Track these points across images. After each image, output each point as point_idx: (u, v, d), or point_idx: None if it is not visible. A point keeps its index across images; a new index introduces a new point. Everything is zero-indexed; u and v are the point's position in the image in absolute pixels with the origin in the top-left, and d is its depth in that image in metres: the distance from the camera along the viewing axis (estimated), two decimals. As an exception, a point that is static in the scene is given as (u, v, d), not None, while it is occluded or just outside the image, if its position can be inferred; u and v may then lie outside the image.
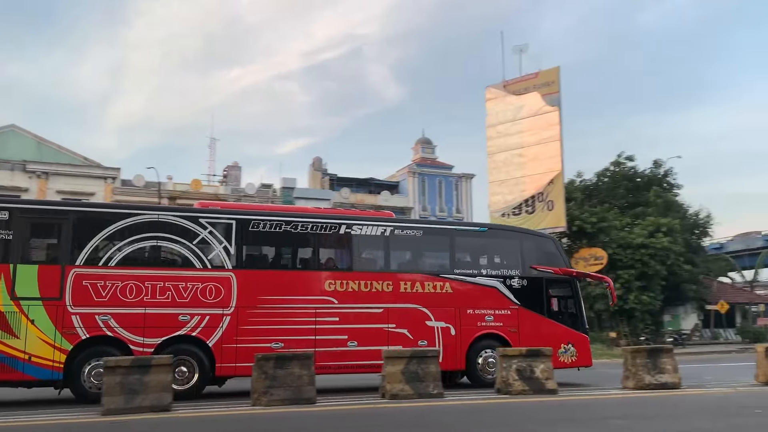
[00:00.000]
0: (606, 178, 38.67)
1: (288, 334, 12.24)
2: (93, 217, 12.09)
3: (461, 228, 16.19)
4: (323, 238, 13.15)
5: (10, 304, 10.74)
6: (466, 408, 9.92)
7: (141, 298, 11.47)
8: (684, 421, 8.55)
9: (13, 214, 11.08)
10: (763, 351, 12.95)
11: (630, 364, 12.32)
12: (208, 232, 12.15)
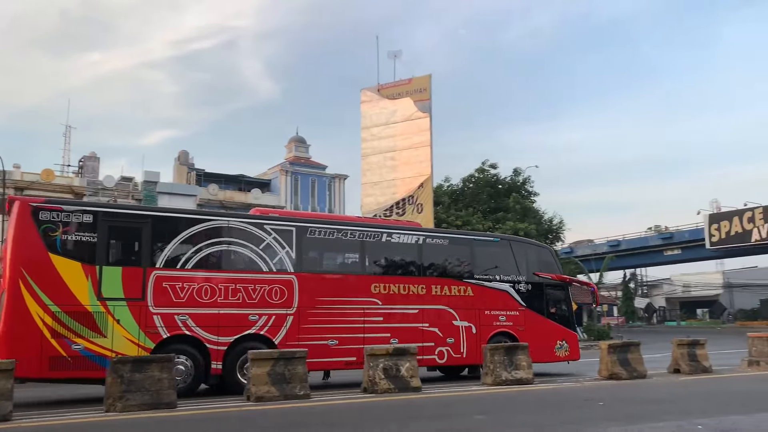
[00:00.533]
0: (471, 184, 40.40)
1: (341, 332, 13.26)
2: (170, 221, 12.54)
3: (479, 238, 17.48)
4: (368, 245, 14.31)
5: (97, 305, 11.15)
6: (331, 408, 9.92)
7: (215, 300, 12.12)
8: (537, 413, 9.08)
9: (97, 217, 11.53)
10: (606, 348, 14.09)
11: (489, 362, 12.90)
12: (272, 237, 13.01)
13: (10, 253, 10.92)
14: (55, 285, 10.95)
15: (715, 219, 51.08)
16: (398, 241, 14.63)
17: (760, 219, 47.34)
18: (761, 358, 15.79)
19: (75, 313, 11.00)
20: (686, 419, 8.09)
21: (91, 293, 11.15)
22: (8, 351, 10.23)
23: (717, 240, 50.39)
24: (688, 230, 55.12)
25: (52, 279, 10.96)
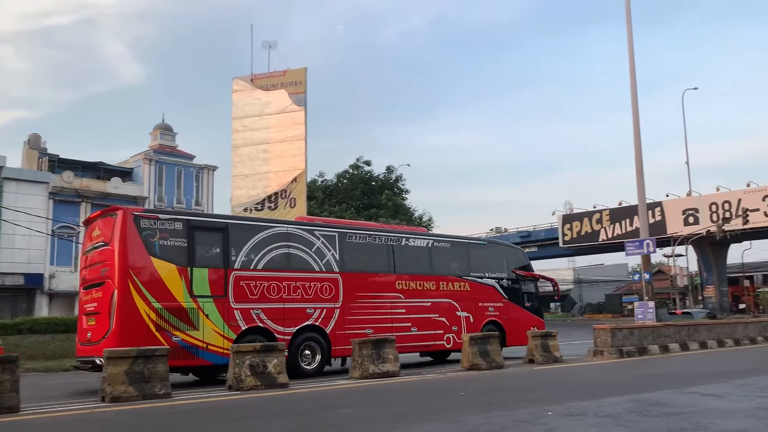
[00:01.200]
0: (345, 180, 40.73)
1: (375, 322, 15.38)
2: (243, 228, 14.26)
3: (472, 241, 20.59)
4: (393, 248, 16.53)
5: (190, 302, 12.60)
6: (194, 407, 9.55)
7: (281, 296, 13.90)
8: (402, 404, 9.28)
9: (185, 224, 13.09)
10: (468, 340, 14.71)
11: (357, 355, 13.02)
12: (321, 242, 14.90)
13: (119, 257, 12.17)
14: (156, 285, 12.32)
15: (567, 219, 55.06)
16: (415, 245, 17.11)
17: (607, 220, 51.65)
18: (605, 348, 17.22)
19: (173, 309, 12.39)
20: (539, 406, 8.61)
21: (185, 292, 12.62)
22: (121, 343, 11.31)
23: (569, 239, 54.34)
24: (544, 230, 58.94)
25: (154, 279, 12.33)
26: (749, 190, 44.16)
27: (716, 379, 11.75)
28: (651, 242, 21.94)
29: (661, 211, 47.92)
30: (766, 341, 22.75)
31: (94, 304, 12.72)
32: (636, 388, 10.75)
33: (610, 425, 7.19)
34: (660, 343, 18.78)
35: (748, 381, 11.41)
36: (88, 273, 13.43)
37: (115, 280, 12.06)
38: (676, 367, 14.83)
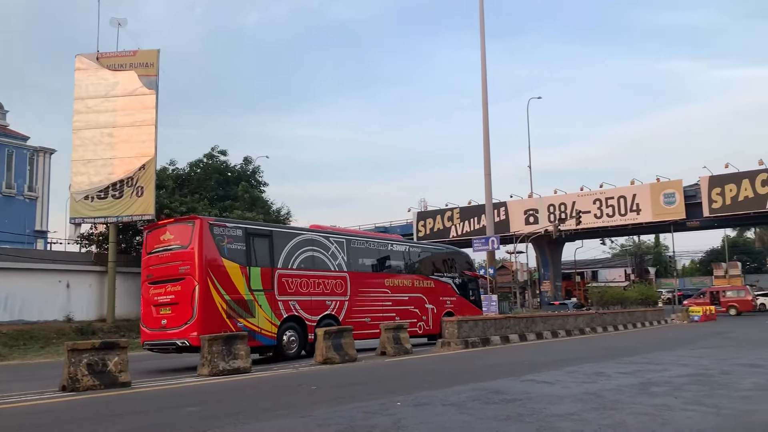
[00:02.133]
0: (199, 169, 39.10)
1: (371, 312, 18.91)
2: (282, 234, 17.26)
3: (436, 247, 25.29)
4: (383, 252, 20.61)
5: (249, 294, 15.51)
6: (16, 412, 8.68)
7: (309, 290, 17.00)
8: (252, 401, 9.06)
9: (244, 231, 16.02)
10: (322, 334, 14.71)
11: (207, 352, 12.55)
12: (334, 246, 18.27)
13: (199, 258, 14.72)
14: (226, 281, 15.06)
15: (422, 216, 57.07)
16: (396, 249, 21.34)
17: (457, 218, 54.20)
18: (452, 339, 18.04)
19: (238, 301, 15.28)
20: (388, 397, 8.79)
21: (246, 286, 15.53)
22: (203, 329, 14.02)
23: (423, 235, 56.33)
24: (401, 225, 60.61)
25: (224, 276, 15.07)
26: (582, 193, 48.32)
27: (549, 367, 12.70)
28: (495, 239, 23.31)
29: (506, 211, 51.12)
30: (593, 332, 25.04)
31: (170, 296, 15.14)
32: (479, 377, 11.34)
33: (454, 413, 7.50)
34: (502, 334, 20.01)
35: (576, 368, 12.46)
36: (157, 270, 15.66)
37: (196, 276, 14.66)
38: (515, 357, 15.86)
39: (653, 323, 30.97)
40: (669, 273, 65.10)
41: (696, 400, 8.37)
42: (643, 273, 65.52)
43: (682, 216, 43.61)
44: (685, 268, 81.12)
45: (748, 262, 72.05)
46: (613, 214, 46.42)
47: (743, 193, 40.91)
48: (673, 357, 14.84)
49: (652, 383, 10.10)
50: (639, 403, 8.15)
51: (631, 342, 20.73)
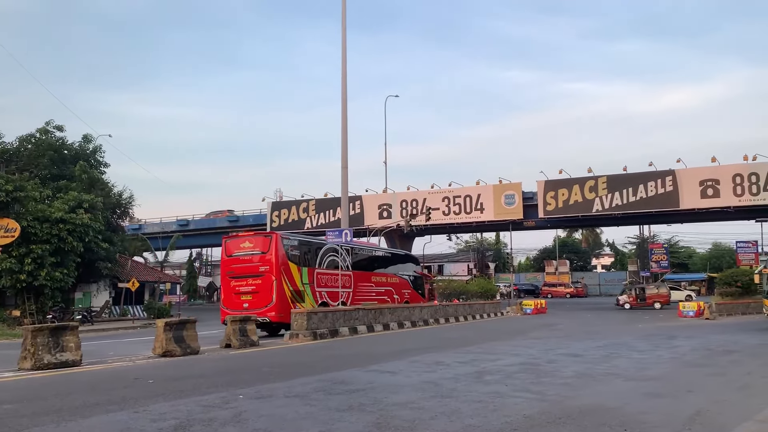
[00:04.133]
0: (30, 145, 35.57)
1: (366, 299, 26.09)
2: (317, 244, 24.98)
3: (399, 252, 34.45)
4: (371, 257, 29.32)
5: (302, 286, 22.67)
6: None
7: (331, 284, 24.17)
8: (81, 395, 8.39)
9: (299, 242, 24.08)
10: (162, 325, 14.03)
11: (30, 344, 11.50)
12: (344, 252, 25.49)
13: (276, 261, 21.61)
14: (290, 276, 22.19)
15: (276, 207, 56.29)
16: (378, 254, 30.56)
17: (313, 210, 54.12)
18: (301, 331, 17.98)
19: (297, 291, 22.34)
20: (230, 390, 8.56)
21: (300, 281, 22.56)
22: (279, 310, 21.05)
23: (277, 225, 55.56)
24: (253, 215, 59.36)
25: (290, 274, 22.20)
26: (432, 191, 50.28)
27: (393, 358, 13.07)
28: (349, 232, 23.56)
29: (361, 205, 51.89)
30: (436, 323, 26.17)
31: (251, 287, 21.65)
32: (325, 368, 11.39)
33: (297, 404, 7.46)
34: (350, 325, 20.30)
35: (418, 358, 12.93)
36: (239, 268, 22.19)
37: (274, 273, 21.43)
38: (361, 347, 16.14)
39: (491, 315, 32.99)
40: (507, 268, 69.80)
41: (524, 388, 9.00)
42: (484, 268, 69.56)
43: (520, 216, 46.87)
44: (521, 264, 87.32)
45: (575, 260, 79.13)
46: (459, 211, 48.81)
47: (573, 198, 44.77)
48: (507, 347, 15.89)
49: (487, 372, 10.73)
50: (474, 391, 8.61)
51: (470, 333, 21.93)
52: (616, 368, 11.57)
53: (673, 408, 7.71)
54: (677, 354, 14.23)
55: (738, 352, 14.47)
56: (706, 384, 9.80)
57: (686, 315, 28.92)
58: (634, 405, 7.84)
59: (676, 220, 47.79)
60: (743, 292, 33.61)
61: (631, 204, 42.31)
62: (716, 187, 39.55)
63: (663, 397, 8.50)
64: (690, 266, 72.73)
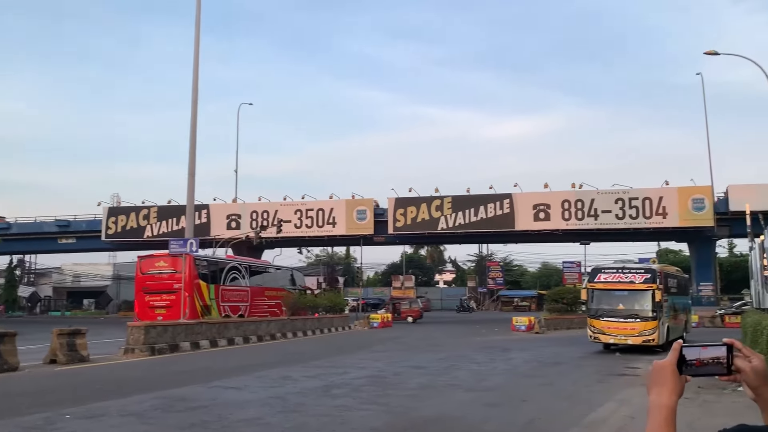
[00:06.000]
0: None
1: (258, 314, 28.28)
2: (222, 262, 28.63)
3: (288, 268, 39.26)
4: (265, 273, 32.52)
5: (210, 301, 25.68)
6: None
7: (232, 299, 26.96)
8: None
9: (208, 262, 27.50)
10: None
11: None
12: (243, 269, 28.94)
13: (188, 278, 22.79)
14: (201, 293, 24.89)
15: (113, 212, 52.57)
16: (271, 271, 33.52)
17: (154, 217, 51.21)
18: (137, 345, 16.83)
19: (205, 306, 25.04)
20: (55, 410, 7.76)
21: (208, 297, 25.42)
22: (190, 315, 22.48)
23: (113, 233, 51.95)
24: (86, 221, 54.93)
25: (200, 290, 24.92)
26: (285, 203, 49.69)
27: (238, 373, 12.63)
28: (195, 242, 22.55)
29: (208, 214, 49.96)
30: (284, 337, 25.74)
31: (165, 302, 24.05)
32: (164, 384, 10.73)
33: (133, 423, 6.93)
34: (192, 340, 19.35)
35: (265, 373, 12.61)
36: (154, 285, 24.98)
37: (187, 290, 22.26)
38: (204, 363, 15.44)
39: (339, 329, 33.14)
40: (356, 283, 70.63)
41: (371, 400, 9.07)
42: (333, 282, 69.91)
43: (371, 231, 47.69)
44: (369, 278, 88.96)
45: (420, 275, 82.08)
46: (311, 225, 48.65)
47: (421, 215, 46.41)
48: (354, 360, 16.00)
49: (334, 386, 10.70)
50: (321, 405, 8.53)
51: (319, 347, 21.84)
52: (457, 379, 12.06)
53: (510, 417, 8.15)
54: (512, 365, 15.15)
55: (564, 364, 15.70)
56: (537, 393, 10.48)
57: (519, 329, 30.96)
58: (474, 415, 8.18)
59: (511, 240, 51.19)
60: (568, 308, 36.68)
61: (473, 223, 44.72)
62: (547, 211, 42.97)
63: (500, 407, 8.96)
64: (522, 283, 78.22)
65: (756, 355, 1.23)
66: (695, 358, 1.24)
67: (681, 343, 1.26)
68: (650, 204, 40.89)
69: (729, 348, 1.23)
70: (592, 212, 41.77)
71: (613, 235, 43.22)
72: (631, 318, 18.84)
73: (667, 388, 1.23)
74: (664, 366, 1.24)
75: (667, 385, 1.23)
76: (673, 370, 1.23)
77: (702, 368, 1.24)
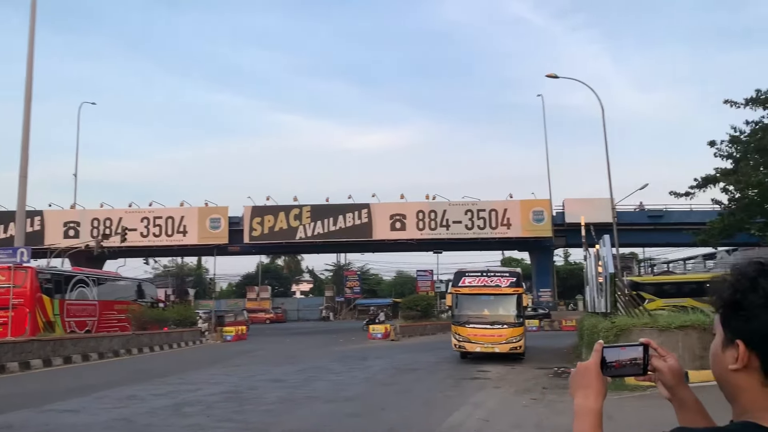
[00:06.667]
0: None
1: (107, 328, 26.47)
2: (70, 275, 26.39)
3: (139, 279, 37.59)
4: (115, 286, 30.80)
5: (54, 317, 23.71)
6: None
7: (79, 314, 25.41)
8: None
9: (52, 275, 25.41)
10: None
11: None
12: (92, 282, 27.21)
13: (30, 293, 22.11)
14: (43, 308, 23.11)
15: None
16: (121, 283, 32.15)
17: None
18: (-48, 368, 14.78)
19: (48, 323, 23.02)
20: None
21: (51, 312, 23.46)
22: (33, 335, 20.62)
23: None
24: None
25: (43, 306, 23.07)
26: (130, 210, 46.63)
27: (76, 394, 11.48)
28: (26, 251, 20.49)
29: (42, 221, 45.66)
30: (128, 353, 23.96)
31: (3, 319, 20.61)
32: (-15, 412, 9.46)
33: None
34: (21, 359, 17.42)
35: (107, 393, 11.58)
36: None
37: (28, 306, 21.86)
38: (35, 385, 13.91)
39: (190, 343, 31.53)
40: (207, 295, 67.93)
41: (227, 417, 8.60)
42: (183, 294, 66.70)
43: (226, 241, 46.06)
44: (222, 290, 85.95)
45: (277, 286, 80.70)
46: (160, 233, 46.04)
47: (279, 224, 45.66)
48: (207, 376, 15.22)
49: (186, 403, 10.05)
50: (172, 425, 7.95)
51: (168, 363, 20.55)
52: (316, 391, 11.84)
53: (370, 426, 8.07)
54: (370, 374, 15.19)
55: (420, 370, 16.01)
56: (396, 401, 10.54)
57: (375, 337, 31.33)
58: (335, 426, 8.01)
59: (369, 249, 51.90)
60: (422, 315, 37.76)
61: (332, 233, 44.80)
62: (403, 221, 44.10)
63: (361, 417, 8.87)
64: (378, 292, 79.59)
65: (670, 354, 1.19)
66: (615, 360, 1.19)
67: (602, 344, 1.19)
68: (496, 215, 43.39)
69: (645, 348, 1.17)
70: (444, 222, 43.50)
71: (463, 245, 45.25)
72: (498, 324, 17.70)
73: (593, 391, 1.17)
74: (588, 368, 1.19)
75: (592, 387, 1.18)
76: (598, 372, 1.18)
77: (620, 369, 1.19)
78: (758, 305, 0.99)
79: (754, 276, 1.01)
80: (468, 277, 18.73)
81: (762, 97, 22.34)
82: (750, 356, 0.99)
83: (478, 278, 18.54)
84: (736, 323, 1.01)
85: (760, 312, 0.98)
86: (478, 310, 18.22)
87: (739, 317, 1.01)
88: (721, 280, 1.06)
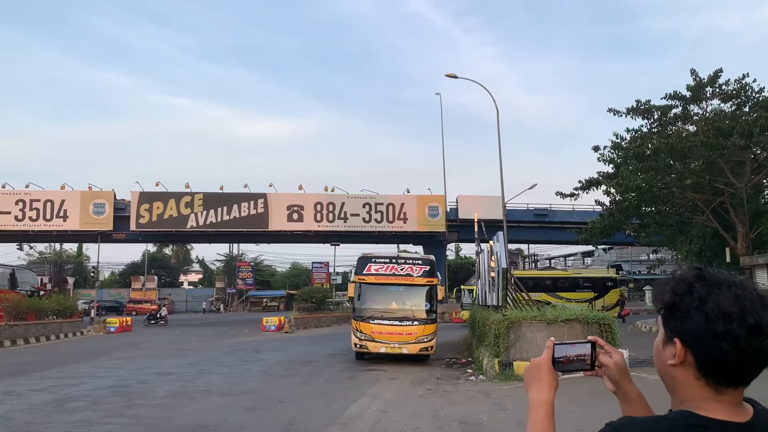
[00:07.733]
0: None
1: None
2: None
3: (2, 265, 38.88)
4: None
5: None
6: None
7: None
8: None
9: None
10: None
11: None
12: None
13: None
14: None
15: None
16: None
17: None
18: None
19: None
20: None
21: None
22: None
23: None
24: None
25: None
26: (4, 191, 43.27)
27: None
28: None
29: None
30: (0, 346, 22.25)
31: None
32: None
33: None
34: None
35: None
36: None
37: None
38: None
39: (70, 335, 29.72)
40: (89, 284, 64.25)
41: (116, 412, 8.22)
42: (62, 282, 62.76)
43: (110, 227, 43.67)
44: (106, 279, 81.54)
45: (164, 276, 77.60)
46: (37, 217, 43.04)
47: (169, 212, 43.89)
48: (91, 369, 14.46)
49: (70, 398, 9.50)
50: (56, 422, 7.50)
51: (46, 356, 19.26)
52: (210, 384, 11.55)
53: (269, 420, 7.99)
54: (265, 367, 15.00)
55: (316, 362, 16.00)
56: (293, 394, 10.49)
57: (269, 329, 30.92)
58: (232, 420, 7.86)
59: (265, 240, 51.07)
60: (317, 308, 37.72)
61: (225, 222, 43.65)
62: (301, 212, 43.75)
63: (258, 410, 8.76)
64: (272, 284, 78.50)
65: (616, 351, 1.29)
66: (563, 356, 1.27)
67: (554, 341, 1.27)
68: (393, 209, 44.07)
69: (593, 345, 1.26)
70: (342, 215, 43.62)
71: (360, 237, 45.57)
72: (407, 321, 15.27)
73: (545, 385, 1.26)
74: (540, 363, 1.28)
75: (544, 381, 1.27)
76: (549, 367, 1.27)
77: (569, 365, 1.29)
78: (693, 307, 1.10)
79: (692, 281, 1.12)
80: (375, 264, 15.93)
81: (641, 107, 24.12)
82: (686, 353, 1.09)
83: (387, 265, 15.89)
84: (674, 323, 1.12)
85: (694, 313, 1.09)
86: (384, 303, 15.72)
87: (677, 318, 1.12)
88: (664, 283, 1.16)
